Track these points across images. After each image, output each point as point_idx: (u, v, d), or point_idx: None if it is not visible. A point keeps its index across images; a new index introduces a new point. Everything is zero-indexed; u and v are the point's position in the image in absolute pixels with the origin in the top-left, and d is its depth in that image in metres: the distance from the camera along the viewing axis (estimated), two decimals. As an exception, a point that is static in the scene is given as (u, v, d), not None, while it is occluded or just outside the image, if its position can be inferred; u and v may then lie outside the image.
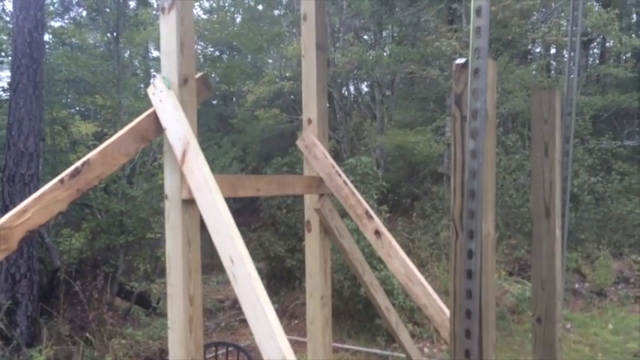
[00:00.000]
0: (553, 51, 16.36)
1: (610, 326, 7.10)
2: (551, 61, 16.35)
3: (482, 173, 1.56)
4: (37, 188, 6.22)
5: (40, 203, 1.94)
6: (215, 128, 16.80)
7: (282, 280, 8.86)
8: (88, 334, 6.00)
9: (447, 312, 2.49)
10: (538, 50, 16.64)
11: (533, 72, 13.67)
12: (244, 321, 7.83)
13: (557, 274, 2.33)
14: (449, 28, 11.09)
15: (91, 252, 7.74)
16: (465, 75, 1.54)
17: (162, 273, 8.66)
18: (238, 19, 17.82)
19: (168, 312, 2.23)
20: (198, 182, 2.12)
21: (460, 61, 1.56)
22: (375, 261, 6.43)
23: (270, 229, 9.76)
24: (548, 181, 2.38)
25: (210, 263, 12.78)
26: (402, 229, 9.69)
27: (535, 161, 2.36)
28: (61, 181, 2.03)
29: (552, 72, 15.47)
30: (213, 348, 3.80)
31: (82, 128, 9.41)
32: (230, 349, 3.75)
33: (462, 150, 1.61)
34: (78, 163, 2.09)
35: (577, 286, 8.85)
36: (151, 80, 2.42)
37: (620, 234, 10.36)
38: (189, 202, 2.19)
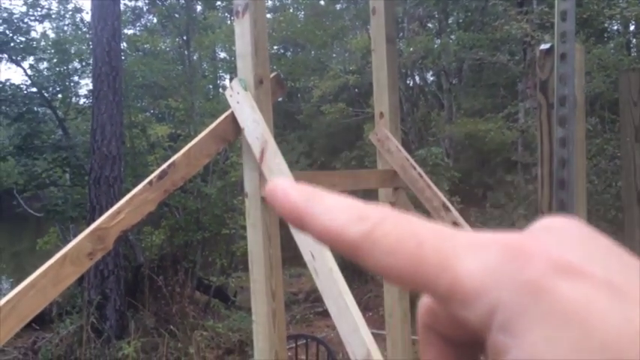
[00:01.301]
0: (632, 27, 15.38)
1: None
2: (631, 38, 15.38)
3: (573, 162, 1.50)
4: (120, 189, 6.59)
5: (131, 205, 2.05)
6: (281, 125, 17.05)
7: (355, 273, 8.89)
8: (172, 327, 6.29)
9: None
10: (616, 28, 15.70)
11: (612, 51, 12.94)
12: (319, 314, 7.94)
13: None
14: (518, 10, 10.68)
15: (170, 248, 8.10)
16: (551, 60, 1.49)
17: (237, 268, 8.94)
18: (301, 16, 17.96)
19: (252, 307, 2.30)
20: (277, 180, 2.16)
21: (545, 46, 1.50)
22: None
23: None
24: None
25: (282, 257, 13.04)
26: (475, 219, 9.47)
27: (625, 146, 2.25)
28: (150, 183, 2.13)
29: (633, 50, 14.57)
30: (292, 340, 3.88)
31: (157, 130, 9.81)
32: (309, 341, 3.82)
33: (549, 138, 1.55)
34: (164, 166, 2.19)
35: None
36: (228, 83, 2.50)
37: None
38: (269, 200, 2.25)
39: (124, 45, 10.73)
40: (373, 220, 0.22)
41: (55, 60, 10.84)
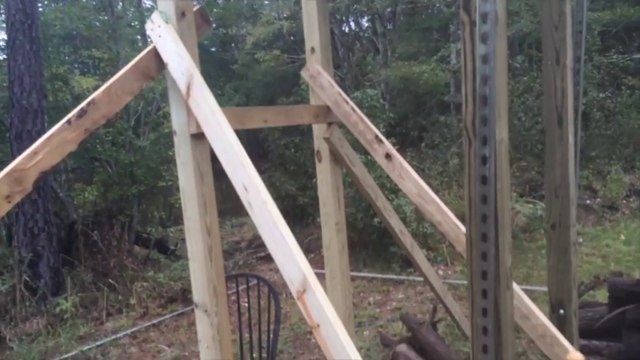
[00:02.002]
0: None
1: (622, 237, 7.18)
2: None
3: (494, 78, 1.53)
4: (45, 143, 6.26)
5: (49, 145, 1.95)
6: (216, 75, 16.58)
7: (296, 217, 8.99)
8: (110, 280, 6.19)
9: (462, 227, 2.52)
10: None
11: (538, -10, 13.20)
12: (262, 258, 8.02)
13: (571, 181, 2.33)
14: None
15: (105, 204, 7.87)
16: (472, -25, 1.49)
17: (176, 220, 8.82)
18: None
19: (187, 244, 2.28)
20: (206, 114, 2.10)
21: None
22: (386, 192, 6.47)
23: (280, 169, 9.82)
24: (560, 88, 2.34)
25: (223, 209, 12.92)
26: (411, 159, 9.70)
27: (546, 69, 2.32)
28: (69, 122, 2.02)
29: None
30: (233, 280, 3.89)
31: (82, 83, 9.31)
32: (249, 278, 3.84)
33: (472, 56, 1.57)
34: (83, 104, 2.08)
35: (588, 202, 8.89)
36: (148, 17, 2.37)
37: (631, 148, 10.30)
38: (198, 137, 2.19)
39: (40, -7, 10.00)
40: None
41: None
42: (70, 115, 2.02)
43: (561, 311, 2.44)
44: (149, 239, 8.12)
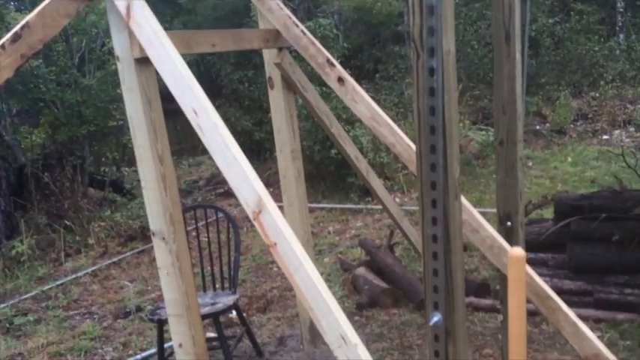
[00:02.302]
0: None
1: (569, 159, 7.48)
2: None
3: (439, -15, 1.51)
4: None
5: (-16, 72, 1.85)
6: (162, 10, 15.85)
7: (253, 153, 8.94)
8: (66, 222, 6.10)
9: (414, 148, 2.57)
10: None
11: None
12: (221, 194, 8.02)
13: (518, 97, 2.38)
14: None
15: (54, 146, 7.62)
16: None
17: (131, 161, 8.64)
18: None
19: (139, 173, 2.24)
20: (149, 36, 2.02)
21: None
22: (342, 123, 6.48)
23: (234, 104, 9.66)
24: (508, 4, 2.35)
25: (180, 149, 12.71)
26: (366, 91, 9.67)
27: (493, -17, 2.31)
28: (2, 47, 1.91)
29: None
30: (191, 211, 3.90)
31: (19, 19, 8.74)
32: (207, 209, 3.85)
33: (417, -37, 1.54)
34: (17, 28, 1.96)
35: (538, 127, 9.17)
36: None
37: (579, 74, 10.56)
38: (143, 61, 2.11)
39: None
40: None
41: None
42: (3, 40, 1.91)
43: (508, 223, 2.55)
44: (104, 180, 7.97)
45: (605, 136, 8.64)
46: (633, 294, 3.31)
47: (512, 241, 2.50)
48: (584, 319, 2.61)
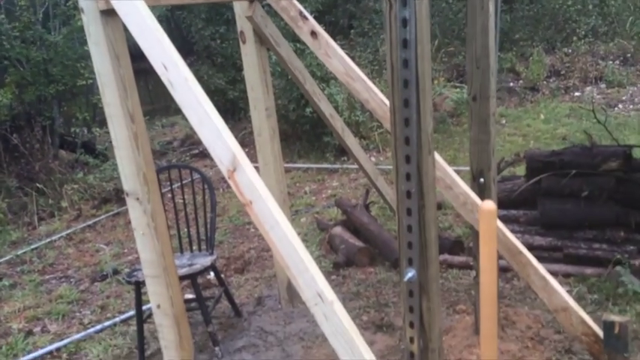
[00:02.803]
0: None
1: (542, 117, 7.56)
2: None
3: None
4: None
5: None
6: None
7: (227, 112, 8.83)
8: (38, 185, 5.98)
9: (388, 103, 2.55)
10: None
11: None
12: (195, 155, 7.95)
13: (491, 52, 2.38)
14: None
15: (22, 107, 7.39)
16: None
17: (102, 122, 8.45)
18: None
19: (110, 132, 2.19)
20: (114, -12, 1.94)
21: None
22: (317, 80, 6.42)
23: (207, 62, 9.46)
24: (482, -44, 2.31)
25: (152, 109, 12.44)
26: (341, 47, 9.54)
27: None
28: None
29: None
30: (166, 172, 3.86)
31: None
32: (181, 170, 3.81)
33: None
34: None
35: (511, 84, 9.21)
36: None
37: (552, 30, 10.57)
38: (109, 13, 2.03)
39: None
40: None
41: None
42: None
43: (481, 180, 2.58)
44: (75, 142, 7.80)
45: (577, 93, 8.74)
46: (601, 249, 3.40)
47: (484, 198, 2.54)
48: (553, 273, 2.68)
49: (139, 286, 3.00)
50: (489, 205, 1.43)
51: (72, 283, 4.36)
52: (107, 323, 3.58)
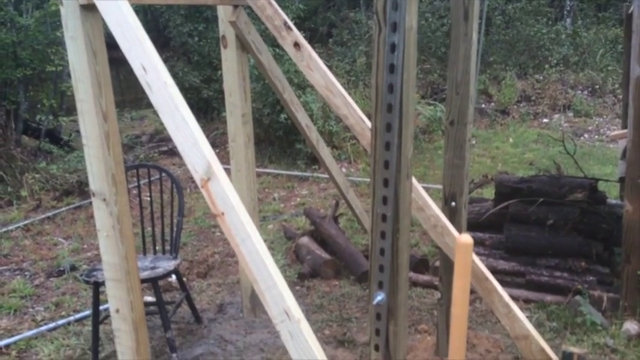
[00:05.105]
0: None
1: (510, 140, 7.72)
2: None
3: (408, -40, 1.47)
4: None
5: None
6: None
7: (200, 111, 8.72)
8: (-3, 172, 5.77)
9: (367, 121, 2.55)
10: None
11: None
12: (164, 152, 7.80)
13: (472, 78, 2.40)
14: None
15: (-14, 88, 7.14)
16: None
17: (70, 110, 8.23)
18: None
19: (81, 129, 2.11)
20: (97, -17, 1.88)
21: None
22: (293, 88, 6.40)
23: (183, 59, 9.34)
24: (469, -16, 2.33)
25: (122, 100, 12.20)
26: (319, 55, 9.55)
27: (457, -40, 2.29)
28: None
29: None
30: (134, 171, 3.77)
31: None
32: (150, 169, 3.73)
33: None
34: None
35: (483, 105, 9.38)
36: None
37: (526, 55, 10.82)
38: (89, 8, 1.97)
39: None
40: None
41: None
42: None
43: (453, 203, 2.60)
44: (39, 129, 7.56)
45: (545, 120, 8.95)
46: (562, 277, 3.47)
47: (455, 221, 2.56)
48: (515, 298, 2.72)
49: (97, 286, 2.91)
50: (466, 239, 1.43)
51: (26, 277, 4.21)
52: (61, 322, 3.45)
